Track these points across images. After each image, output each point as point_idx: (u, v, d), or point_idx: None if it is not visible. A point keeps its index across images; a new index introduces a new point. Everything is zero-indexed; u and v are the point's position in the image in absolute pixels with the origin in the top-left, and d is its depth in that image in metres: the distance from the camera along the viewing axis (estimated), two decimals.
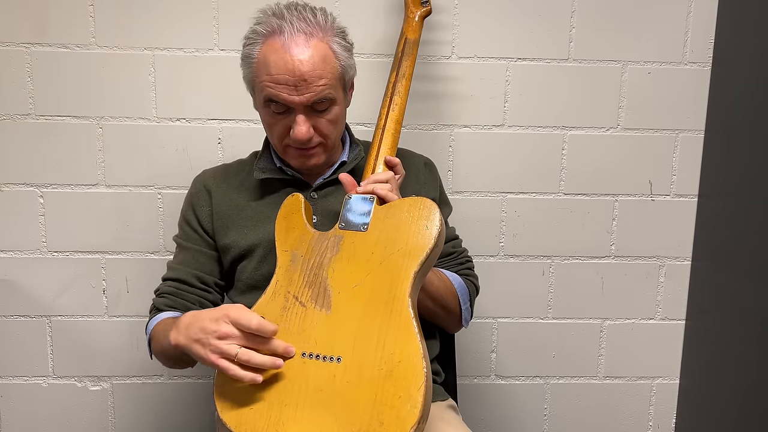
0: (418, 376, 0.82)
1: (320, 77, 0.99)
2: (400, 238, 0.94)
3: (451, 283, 1.12)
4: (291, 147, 1.06)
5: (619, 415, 1.58)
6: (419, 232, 0.93)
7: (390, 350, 0.85)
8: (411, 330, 0.86)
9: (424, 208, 0.95)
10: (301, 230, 1.01)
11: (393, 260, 0.92)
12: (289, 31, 0.98)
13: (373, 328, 0.88)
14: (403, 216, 0.96)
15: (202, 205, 1.15)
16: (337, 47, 1.02)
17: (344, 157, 1.15)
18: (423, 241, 0.92)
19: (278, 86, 0.99)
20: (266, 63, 0.99)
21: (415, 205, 0.96)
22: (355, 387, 0.85)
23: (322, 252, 0.97)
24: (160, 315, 1.10)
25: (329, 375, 0.87)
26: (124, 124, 1.41)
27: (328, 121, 1.04)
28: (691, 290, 1.53)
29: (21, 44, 1.37)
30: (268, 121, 1.06)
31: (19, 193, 1.42)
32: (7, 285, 1.44)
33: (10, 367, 1.48)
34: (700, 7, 1.43)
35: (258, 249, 1.10)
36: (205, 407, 1.51)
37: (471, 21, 1.42)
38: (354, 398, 0.84)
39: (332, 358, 0.88)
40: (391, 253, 0.93)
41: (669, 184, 1.50)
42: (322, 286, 0.94)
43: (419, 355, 0.84)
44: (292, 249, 1.00)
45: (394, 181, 1.05)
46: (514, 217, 1.49)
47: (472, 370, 1.54)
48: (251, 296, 1.10)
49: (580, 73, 1.44)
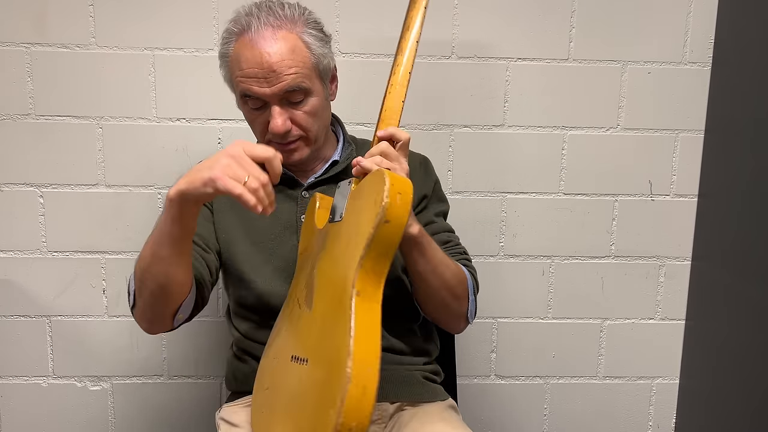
0: (342, 376, 0.73)
1: (289, 67, 0.99)
2: (359, 221, 0.82)
3: (461, 269, 1.08)
4: (273, 143, 1.05)
5: (619, 415, 1.58)
6: (370, 210, 0.80)
7: (336, 347, 0.77)
8: (346, 325, 0.76)
9: (375, 181, 0.81)
10: (311, 230, 1.00)
11: (351, 248, 0.81)
12: (256, 26, 0.99)
13: (329, 325, 0.81)
14: (364, 196, 0.84)
15: (204, 207, 1.14)
16: (308, 38, 1.01)
17: (336, 156, 1.14)
18: (368, 220, 0.79)
19: (249, 80, 1.00)
20: (238, 59, 1.00)
21: (372, 181, 0.83)
22: (315, 389, 0.80)
23: (317, 250, 0.95)
24: None
25: (299, 378, 0.84)
26: (124, 124, 1.41)
27: (306, 113, 1.03)
28: (691, 290, 1.53)
29: (21, 44, 1.37)
30: (248, 117, 1.07)
31: (19, 193, 1.42)
32: (7, 285, 1.44)
33: (10, 367, 1.48)
34: (700, 7, 1.43)
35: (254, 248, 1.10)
36: (205, 407, 1.51)
37: (471, 21, 1.42)
38: (312, 401, 0.79)
39: (303, 360, 0.84)
40: (350, 239, 0.83)
41: (669, 184, 1.50)
42: (310, 285, 0.91)
43: (345, 352, 0.74)
44: (304, 251, 0.99)
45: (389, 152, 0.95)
46: (514, 217, 1.49)
47: (472, 370, 1.54)
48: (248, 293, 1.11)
49: (580, 73, 1.44)
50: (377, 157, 0.94)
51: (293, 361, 0.86)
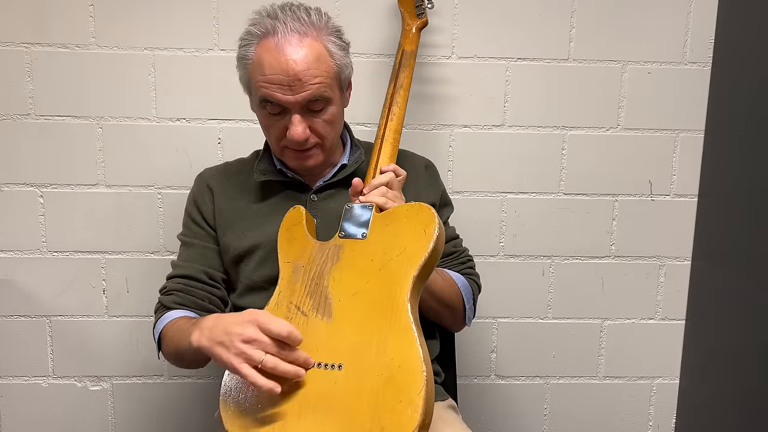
0: (418, 380, 0.82)
1: (315, 76, 0.98)
2: (399, 243, 0.94)
3: (454, 282, 1.12)
4: (288, 148, 1.06)
5: (619, 415, 1.58)
6: (417, 237, 0.93)
7: (390, 355, 0.85)
8: (410, 334, 0.86)
9: (421, 213, 0.95)
10: (303, 241, 1.02)
11: (392, 266, 0.93)
12: (282, 31, 0.98)
13: (373, 334, 0.88)
14: (401, 222, 0.96)
15: (206, 203, 1.15)
16: (332, 46, 1.01)
17: (344, 159, 1.14)
18: (421, 246, 0.92)
19: (272, 86, 0.99)
20: (260, 64, 0.99)
21: (412, 211, 0.96)
22: (356, 393, 0.85)
23: (323, 261, 0.98)
24: (169, 314, 1.08)
25: (330, 382, 0.87)
26: (124, 124, 1.41)
27: (325, 121, 1.04)
28: (691, 290, 1.53)
29: (21, 44, 1.37)
30: (264, 122, 1.06)
31: (19, 193, 1.42)
32: (7, 285, 1.44)
33: (10, 367, 1.48)
34: (700, 7, 1.43)
35: (257, 250, 1.10)
36: (205, 407, 1.51)
37: (471, 21, 1.42)
38: (355, 405, 0.84)
39: (333, 366, 0.88)
40: (390, 259, 0.93)
41: (669, 184, 1.50)
42: (323, 295, 0.95)
43: (419, 358, 0.84)
44: (294, 260, 1.00)
45: (396, 181, 1.04)
46: (514, 217, 1.49)
47: (472, 370, 1.54)
48: (250, 298, 1.11)
49: (580, 73, 1.44)
50: (383, 188, 1.01)
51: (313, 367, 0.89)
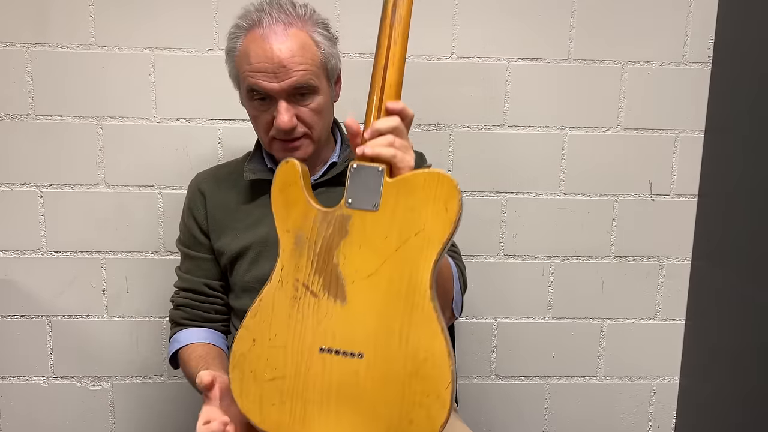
0: (446, 374, 0.81)
1: (299, 63, 0.99)
2: (417, 220, 0.83)
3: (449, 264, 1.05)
4: (276, 140, 1.05)
5: (619, 415, 1.58)
6: (438, 214, 0.83)
7: (414, 346, 0.83)
8: (435, 325, 0.82)
9: (441, 185, 0.83)
10: (303, 206, 0.89)
11: (410, 246, 0.84)
12: (267, 22, 0.99)
13: (394, 322, 0.84)
14: (418, 194, 0.84)
15: (198, 208, 1.15)
16: (317, 36, 1.02)
17: (334, 157, 1.14)
18: (442, 226, 0.83)
19: (258, 74, 0.99)
20: (247, 54, 1.00)
21: (431, 182, 0.83)
22: (381, 384, 0.83)
23: (329, 234, 0.88)
24: (183, 335, 1.15)
25: (352, 371, 0.84)
26: (124, 124, 1.41)
27: (312, 110, 1.03)
28: (691, 290, 1.53)
29: (21, 44, 1.37)
30: (252, 113, 1.06)
31: (19, 193, 1.42)
32: (7, 285, 1.44)
33: (10, 367, 1.48)
34: (700, 7, 1.43)
35: (249, 252, 1.10)
36: None
37: (471, 21, 1.42)
38: (380, 396, 0.83)
39: (353, 354, 0.85)
40: (408, 238, 0.84)
41: (669, 184, 1.50)
42: (333, 274, 0.87)
43: (445, 352, 0.82)
44: (295, 229, 0.89)
45: (402, 129, 0.88)
46: (514, 217, 1.49)
47: (472, 370, 1.54)
48: (244, 299, 1.10)
49: (580, 73, 1.44)
50: (389, 137, 0.85)
51: (331, 354, 0.86)
